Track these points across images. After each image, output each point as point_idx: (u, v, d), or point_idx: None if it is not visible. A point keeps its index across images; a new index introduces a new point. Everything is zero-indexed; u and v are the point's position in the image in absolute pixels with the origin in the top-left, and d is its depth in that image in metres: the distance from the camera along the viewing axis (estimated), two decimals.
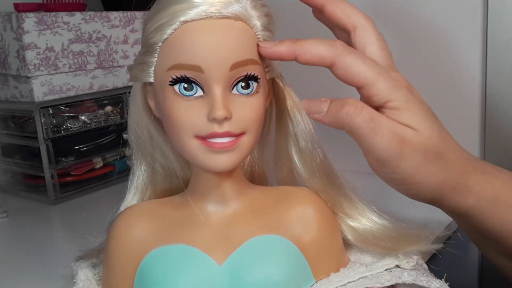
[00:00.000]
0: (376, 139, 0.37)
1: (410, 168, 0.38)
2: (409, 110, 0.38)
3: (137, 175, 0.45)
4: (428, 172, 0.39)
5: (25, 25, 0.70)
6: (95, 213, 0.68)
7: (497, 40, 0.66)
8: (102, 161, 0.80)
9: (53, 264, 0.53)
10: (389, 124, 0.37)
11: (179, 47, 0.36)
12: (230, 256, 0.38)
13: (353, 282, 0.40)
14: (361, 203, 0.43)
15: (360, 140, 0.38)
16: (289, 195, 0.41)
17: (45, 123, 0.72)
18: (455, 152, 0.40)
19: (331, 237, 0.41)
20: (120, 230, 0.41)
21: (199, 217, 0.40)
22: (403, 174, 0.38)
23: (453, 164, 0.40)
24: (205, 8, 0.36)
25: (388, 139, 0.37)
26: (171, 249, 0.39)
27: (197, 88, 0.36)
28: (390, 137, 0.37)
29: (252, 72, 0.37)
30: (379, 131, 0.37)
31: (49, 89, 0.74)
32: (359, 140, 0.38)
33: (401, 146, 0.37)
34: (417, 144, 0.38)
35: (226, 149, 0.36)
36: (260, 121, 0.38)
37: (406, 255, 0.42)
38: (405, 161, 0.38)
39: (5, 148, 0.81)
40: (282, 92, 0.42)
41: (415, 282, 0.39)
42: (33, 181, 0.78)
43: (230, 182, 0.40)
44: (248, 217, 0.40)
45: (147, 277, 0.39)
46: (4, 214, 0.69)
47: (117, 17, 0.80)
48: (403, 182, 0.39)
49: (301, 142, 0.42)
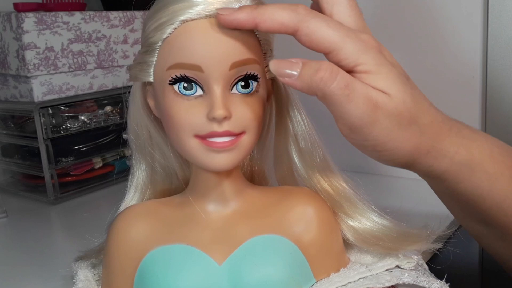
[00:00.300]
0: (350, 106, 0.35)
1: (382, 135, 0.36)
2: (381, 73, 0.36)
3: (136, 175, 0.45)
4: (401, 138, 0.37)
5: (25, 25, 0.70)
6: (94, 213, 0.68)
7: (497, 40, 0.66)
8: (101, 161, 0.80)
9: (53, 264, 0.53)
10: (363, 90, 0.35)
11: (179, 46, 0.36)
12: (230, 256, 0.38)
13: (353, 282, 0.40)
14: (361, 202, 0.43)
15: (332, 107, 0.36)
16: (289, 194, 0.41)
17: (45, 123, 0.72)
18: (429, 114, 0.38)
19: (332, 237, 0.41)
20: (120, 230, 0.41)
21: (199, 217, 0.40)
22: (375, 141, 0.37)
23: (427, 127, 0.38)
24: (205, 7, 0.35)
25: (363, 106, 0.35)
26: (170, 249, 0.39)
27: (196, 88, 0.36)
28: (364, 103, 0.35)
29: (251, 71, 0.37)
30: (354, 98, 0.35)
31: (49, 89, 0.74)
32: (331, 107, 0.36)
33: (374, 112, 0.36)
34: (390, 110, 0.36)
35: (226, 149, 0.36)
36: (260, 121, 0.38)
37: (407, 255, 0.42)
38: (377, 128, 0.36)
39: (5, 148, 0.81)
40: (282, 92, 0.42)
41: (416, 283, 0.39)
42: (33, 181, 0.78)
43: (230, 182, 0.40)
44: (248, 217, 0.40)
45: (147, 277, 0.39)
46: (4, 214, 0.69)
47: (117, 16, 0.80)
48: (375, 148, 0.38)
49: (301, 142, 0.42)
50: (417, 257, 0.42)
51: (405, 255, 0.42)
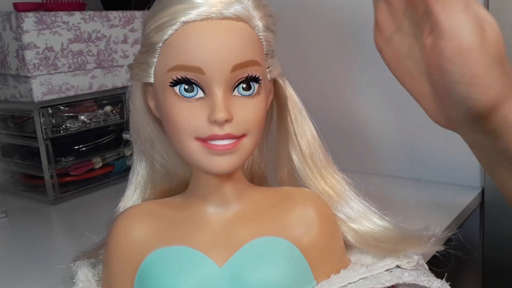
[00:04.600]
0: (464, 17, 0.34)
1: (485, 63, 0.35)
2: None
3: (137, 172, 0.45)
4: (497, 73, 0.35)
5: (25, 24, 0.70)
6: (94, 213, 0.68)
7: None
8: (101, 161, 0.80)
9: (53, 264, 0.53)
10: (477, 8, 0.34)
11: (179, 48, 0.36)
12: (231, 258, 0.38)
13: (353, 283, 0.39)
14: (362, 204, 0.43)
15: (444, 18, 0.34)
16: (290, 196, 0.41)
17: (45, 123, 0.72)
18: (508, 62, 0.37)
19: (332, 238, 0.41)
20: (120, 231, 0.41)
21: (199, 218, 0.40)
22: (477, 70, 0.35)
23: (510, 72, 0.37)
24: (206, 9, 0.35)
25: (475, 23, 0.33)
26: (171, 250, 0.39)
27: (197, 90, 0.36)
28: (476, 21, 0.34)
29: (253, 73, 0.37)
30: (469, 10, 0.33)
31: (49, 89, 0.74)
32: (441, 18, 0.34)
33: (482, 36, 0.34)
34: (495, 39, 0.35)
35: (227, 151, 0.36)
36: (261, 123, 0.38)
37: (407, 255, 0.42)
38: (483, 54, 0.34)
39: (5, 148, 0.81)
40: (283, 92, 0.42)
41: (416, 282, 0.39)
42: (33, 181, 0.78)
43: (231, 184, 0.40)
44: (249, 219, 0.40)
45: (147, 279, 0.39)
46: (4, 214, 0.69)
47: (117, 16, 0.80)
48: (472, 80, 0.35)
49: (302, 143, 0.42)
50: (417, 257, 0.42)
51: (405, 255, 0.42)
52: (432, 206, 0.62)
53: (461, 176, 0.70)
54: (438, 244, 0.43)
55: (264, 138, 0.45)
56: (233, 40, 0.36)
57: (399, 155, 0.75)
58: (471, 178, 0.70)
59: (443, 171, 0.71)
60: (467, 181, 0.70)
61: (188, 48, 0.35)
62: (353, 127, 0.77)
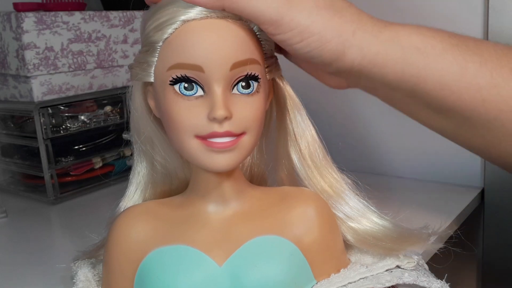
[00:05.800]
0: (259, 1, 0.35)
1: (303, 17, 0.36)
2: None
3: (137, 173, 0.45)
4: (323, 19, 0.37)
5: (25, 24, 0.70)
6: (94, 213, 0.68)
7: (497, 40, 0.65)
8: (101, 161, 0.80)
9: (53, 264, 0.53)
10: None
11: (179, 46, 0.36)
12: (231, 257, 0.38)
13: (353, 282, 0.40)
14: (361, 203, 0.43)
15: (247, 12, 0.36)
16: (290, 195, 0.41)
17: (45, 123, 0.72)
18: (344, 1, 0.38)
19: (332, 238, 0.41)
20: (120, 231, 0.41)
21: (199, 217, 0.40)
22: (300, 27, 0.36)
23: (344, 10, 0.38)
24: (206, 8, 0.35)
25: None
26: (171, 249, 0.39)
27: (197, 88, 0.36)
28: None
29: (252, 71, 0.37)
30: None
31: (49, 89, 0.74)
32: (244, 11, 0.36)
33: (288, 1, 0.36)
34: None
35: (227, 149, 0.36)
36: (261, 121, 0.38)
37: (407, 255, 0.42)
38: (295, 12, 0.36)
39: (5, 148, 0.81)
40: (283, 92, 0.42)
41: (416, 283, 0.39)
42: (33, 181, 0.78)
43: (230, 183, 0.40)
44: (249, 218, 0.40)
45: (147, 278, 0.39)
46: (4, 214, 0.69)
47: (117, 16, 0.80)
48: (302, 37, 0.37)
49: (301, 143, 0.42)
50: (418, 257, 0.42)
51: (405, 255, 0.42)
52: (432, 206, 0.62)
53: (461, 176, 0.70)
54: (437, 242, 0.43)
55: (264, 139, 0.45)
56: (232, 39, 0.36)
57: (399, 155, 0.75)
58: (471, 178, 0.70)
59: (443, 171, 0.71)
60: (467, 181, 0.70)
61: (187, 47, 0.36)
62: (353, 127, 0.77)
